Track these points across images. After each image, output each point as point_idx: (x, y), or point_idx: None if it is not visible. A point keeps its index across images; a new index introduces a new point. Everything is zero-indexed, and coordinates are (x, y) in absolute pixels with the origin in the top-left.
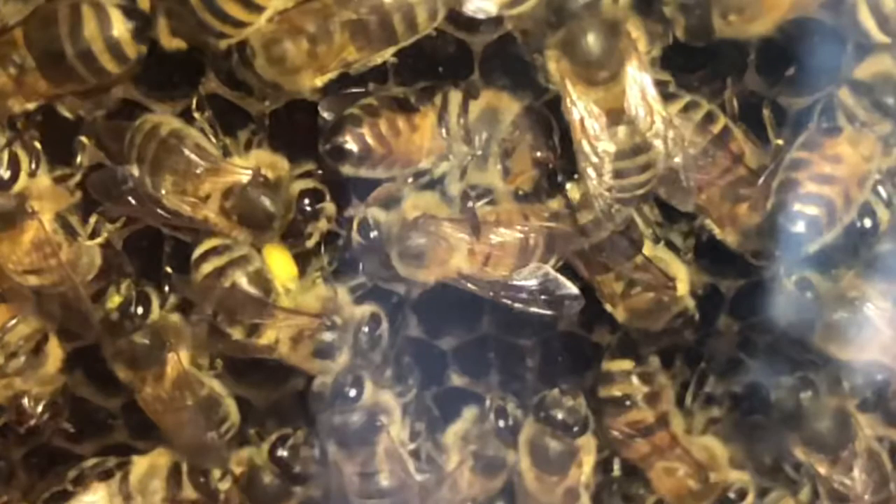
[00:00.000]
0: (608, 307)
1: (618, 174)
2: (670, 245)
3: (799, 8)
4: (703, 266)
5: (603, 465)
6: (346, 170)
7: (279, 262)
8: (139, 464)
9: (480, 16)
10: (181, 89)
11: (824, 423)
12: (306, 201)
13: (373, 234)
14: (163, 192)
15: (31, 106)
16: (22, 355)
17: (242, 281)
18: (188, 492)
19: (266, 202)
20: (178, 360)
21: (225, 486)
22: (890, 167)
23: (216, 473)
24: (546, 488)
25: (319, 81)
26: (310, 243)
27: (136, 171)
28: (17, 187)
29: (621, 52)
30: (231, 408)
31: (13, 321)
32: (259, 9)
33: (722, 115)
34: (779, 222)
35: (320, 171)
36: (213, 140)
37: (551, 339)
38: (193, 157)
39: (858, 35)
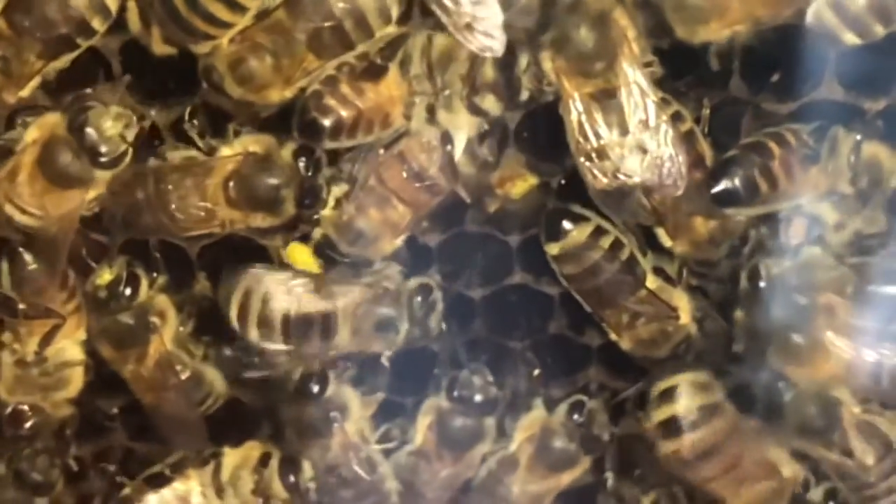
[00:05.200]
0: (613, 336)
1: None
2: (661, 273)
3: (750, 16)
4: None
5: (595, 466)
6: (327, 145)
7: (303, 259)
8: (231, 455)
9: (487, 55)
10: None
11: (809, 410)
12: (303, 160)
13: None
14: (172, 206)
15: (24, 93)
16: (53, 376)
17: None
18: (276, 486)
19: (265, 176)
20: (162, 342)
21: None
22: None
23: (307, 472)
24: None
25: (289, 93)
26: (334, 193)
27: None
28: None
29: (613, 41)
30: (215, 381)
31: (57, 337)
32: (243, 9)
33: (689, 118)
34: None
35: None
36: (200, 145)
37: (541, 342)
38: (186, 169)
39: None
